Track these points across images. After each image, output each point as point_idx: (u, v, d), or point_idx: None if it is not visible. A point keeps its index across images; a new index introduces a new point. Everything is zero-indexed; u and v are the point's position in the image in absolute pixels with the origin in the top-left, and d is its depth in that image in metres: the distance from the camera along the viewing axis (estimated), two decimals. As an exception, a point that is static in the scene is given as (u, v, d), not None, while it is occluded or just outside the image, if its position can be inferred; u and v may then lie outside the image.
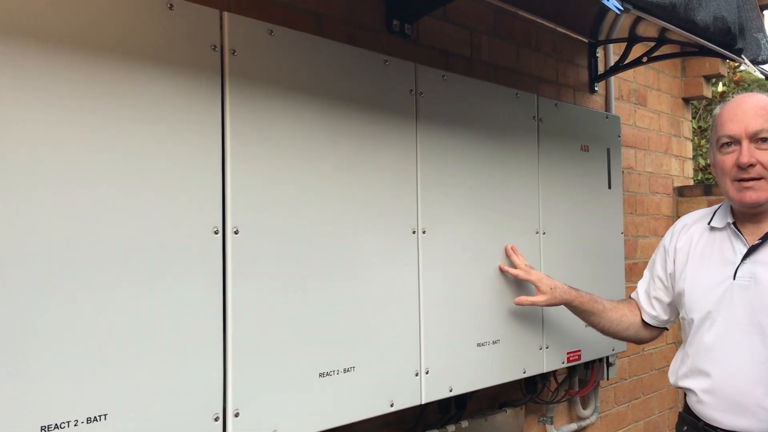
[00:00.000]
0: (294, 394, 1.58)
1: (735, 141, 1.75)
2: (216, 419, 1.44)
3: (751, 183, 1.72)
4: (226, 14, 1.50)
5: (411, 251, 1.90)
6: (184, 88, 1.42)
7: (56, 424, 1.21)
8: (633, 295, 2.13)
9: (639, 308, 2.07)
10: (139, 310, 1.33)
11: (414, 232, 1.91)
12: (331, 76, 1.71)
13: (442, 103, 2.02)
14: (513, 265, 2.16)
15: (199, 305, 1.42)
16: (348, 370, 1.70)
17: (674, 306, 1.99)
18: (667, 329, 2.13)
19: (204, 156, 1.45)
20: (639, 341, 2.14)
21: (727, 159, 1.76)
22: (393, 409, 1.81)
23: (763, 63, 2.61)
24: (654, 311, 2.02)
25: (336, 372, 1.67)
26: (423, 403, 1.91)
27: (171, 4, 1.41)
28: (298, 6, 1.95)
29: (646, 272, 2.10)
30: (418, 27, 2.29)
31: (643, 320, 2.06)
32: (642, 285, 2.08)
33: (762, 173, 1.71)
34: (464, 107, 2.09)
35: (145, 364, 1.34)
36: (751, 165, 1.71)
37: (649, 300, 2.03)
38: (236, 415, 1.47)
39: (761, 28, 2.59)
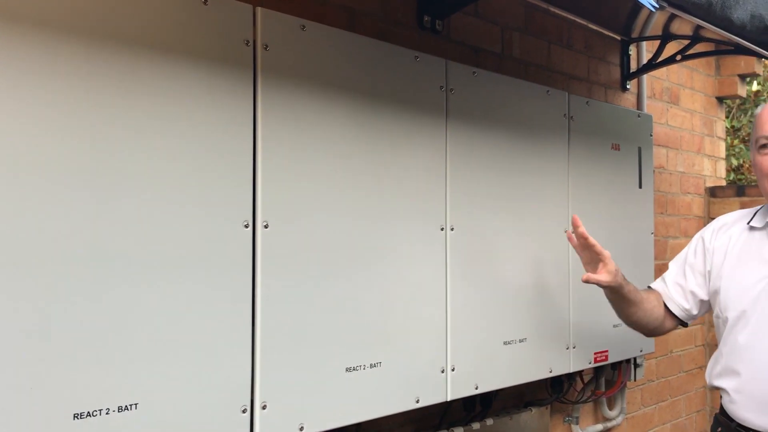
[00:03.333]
0: (321, 388, 1.59)
1: None
2: (244, 411, 1.45)
3: None
4: (259, 9, 1.51)
5: (439, 248, 1.90)
6: (217, 82, 1.43)
7: (88, 412, 1.23)
8: (658, 287, 2.03)
9: (664, 301, 2.00)
10: (169, 302, 1.35)
11: (442, 229, 1.91)
12: (363, 72, 1.72)
13: (473, 99, 2.01)
14: (579, 236, 1.95)
15: (229, 298, 1.44)
16: (374, 366, 1.71)
17: (706, 303, 1.95)
18: (686, 326, 2.07)
19: (235, 150, 1.46)
20: (658, 334, 2.06)
21: (765, 160, 1.74)
22: (418, 406, 1.82)
23: (802, 62, 2.56)
24: (687, 304, 1.95)
25: (362, 367, 1.68)
26: (448, 400, 1.91)
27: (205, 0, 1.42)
28: (331, 1, 1.95)
29: (674, 265, 2.03)
30: (449, 23, 2.28)
31: (669, 313, 1.99)
32: (671, 276, 2.01)
33: None
34: (495, 104, 2.08)
35: (176, 355, 1.35)
36: None
37: (682, 291, 1.97)
38: (264, 407, 1.48)
39: (800, 27, 2.54)
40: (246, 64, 1.48)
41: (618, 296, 1.93)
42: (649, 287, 2.05)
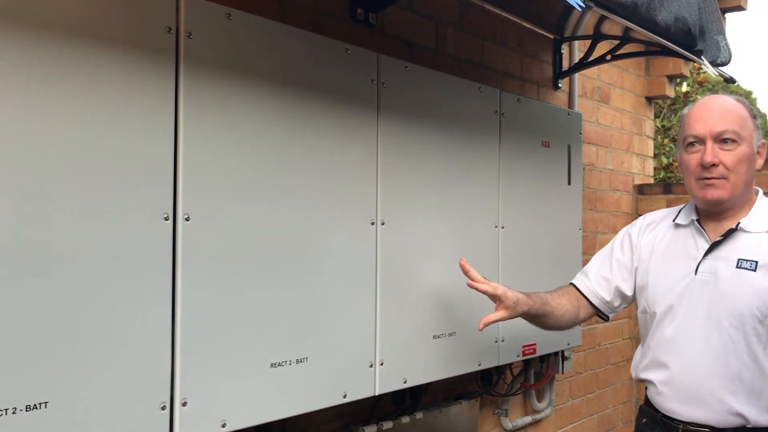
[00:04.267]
0: (244, 384, 1.57)
1: (700, 141, 1.78)
2: (163, 408, 1.42)
3: (713, 181, 1.75)
4: (182, -4, 1.47)
5: (369, 242, 1.89)
6: (137, 70, 1.39)
7: (-7, 412, 1.18)
8: (580, 282, 2.07)
9: (582, 294, 2.04)
10: (84, 297, 1.30)
11: (373, 223, 1.90)
12: (291, 63, 1.69)
13: (405, 94, 2.01)
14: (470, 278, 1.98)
15: (147, 293, 1.39)
16: (301, 361, 1.69)
17: (629, 298, 2.01)
18: (607, 319, 2.12)
19: (155, 139, 1.41)
20: (574, 326, 2.12)
21: (692, 158, 1.79)
22: (346, 401, 1.81)
23: (722, 65, 2.65)
24: (609, 297, 2.01)
25: (288, 362, 1.66)
26: (377, 394, 1.91)
27: (125, -16, 1.37)
28: (260, -10, 1.92)
29: (599, 258, 2.08)
30: (383, 16, 2.27)
31: (588, 303, 2.03)
32: (594, 269, 2.06)
33: (724, 173, 1.75)
34: (427, 99, 2.08)
35: (90, 351, 1.31)
36: (714, 165, 1.74)
37: (606, 285, 2.02)
38: (184, 404, 1.45)
39: (721, 31, 2.63)
40: (168, 52, 1.44)
41: (526, 317, 1.97)
42: (570, 284, 2.09)
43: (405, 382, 2.00)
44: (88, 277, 1.31)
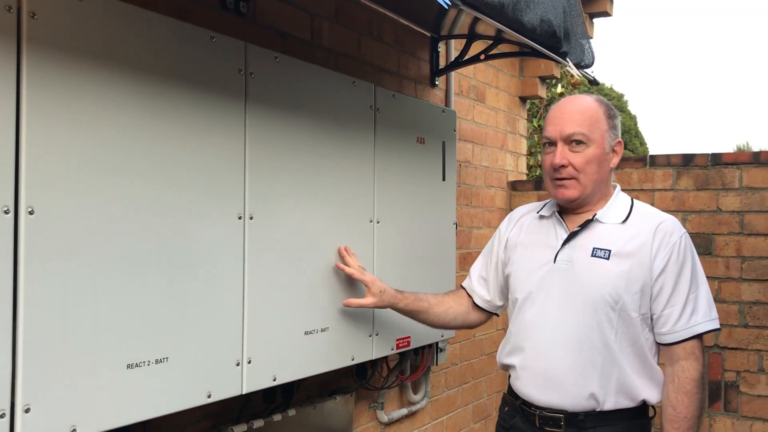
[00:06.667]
0: (97, 387, 1.48)
1: (552, 142, 1.86)
2: (2, 416, 1.32)
3: (564, 182, 1.85)
4: (25, -27, 1.36)
5: (236, 237, 1.84)
6: (-28, 50, 1.28)
7: None
8: (465, 283, 2.21)
9: (469, 295, 2.15)
10: None
11: (240, 218, 1.85)
12: (150, 50, 1.61)
13: (275, 85, 1.97)
14: (347, 265, 2.16)
15: (-17, 292, 1.29)
16: (160, 361, 1.62)
17: (506, 292, 2.09)
18: (497, 315, 2.22)
19: (-7, 127, 1.31)
20: (468, 327, 2.24)
21: (547, 159, 1.88)
22: (210, 401, 1.75)
23: (586, 67, 2.78)
24: (488, 295, 2.12)
25: (146, 363, 1.59)
26: (244, 393, 1.86)
27: (-44, -45, 1.26)
28: (121, -28, 1.82)
29: (481, 257, 2.19)
30: (254, 6, 2.21)
31: (475, 304, 2.15)
32: (476, 270, 2.18)
33: (573, 173, 1.83)
34: (299, 91, 2.05)
35: None
36: (563, 166, 1.82)
37: (485, 284, 2.12)
38: (27, 410, 1.35)
39: (586, 35, 2.76)
40: (8, 33, 1.33)
41: (398, 311, 2.08)
42: (461, 286, 2.22)
43: (275, 380, 1.96)
44: None
